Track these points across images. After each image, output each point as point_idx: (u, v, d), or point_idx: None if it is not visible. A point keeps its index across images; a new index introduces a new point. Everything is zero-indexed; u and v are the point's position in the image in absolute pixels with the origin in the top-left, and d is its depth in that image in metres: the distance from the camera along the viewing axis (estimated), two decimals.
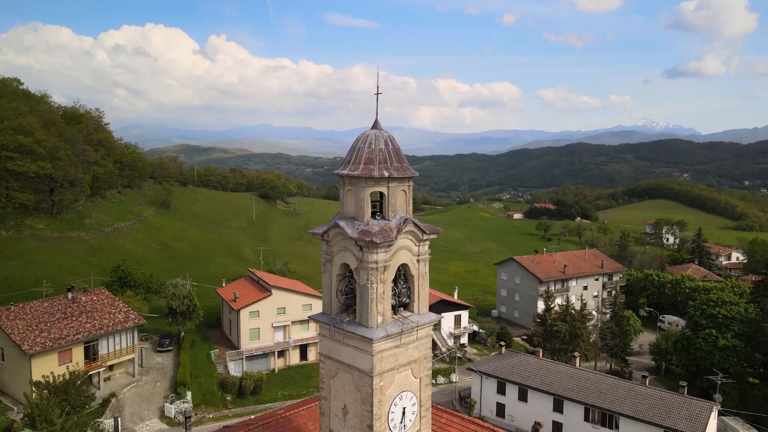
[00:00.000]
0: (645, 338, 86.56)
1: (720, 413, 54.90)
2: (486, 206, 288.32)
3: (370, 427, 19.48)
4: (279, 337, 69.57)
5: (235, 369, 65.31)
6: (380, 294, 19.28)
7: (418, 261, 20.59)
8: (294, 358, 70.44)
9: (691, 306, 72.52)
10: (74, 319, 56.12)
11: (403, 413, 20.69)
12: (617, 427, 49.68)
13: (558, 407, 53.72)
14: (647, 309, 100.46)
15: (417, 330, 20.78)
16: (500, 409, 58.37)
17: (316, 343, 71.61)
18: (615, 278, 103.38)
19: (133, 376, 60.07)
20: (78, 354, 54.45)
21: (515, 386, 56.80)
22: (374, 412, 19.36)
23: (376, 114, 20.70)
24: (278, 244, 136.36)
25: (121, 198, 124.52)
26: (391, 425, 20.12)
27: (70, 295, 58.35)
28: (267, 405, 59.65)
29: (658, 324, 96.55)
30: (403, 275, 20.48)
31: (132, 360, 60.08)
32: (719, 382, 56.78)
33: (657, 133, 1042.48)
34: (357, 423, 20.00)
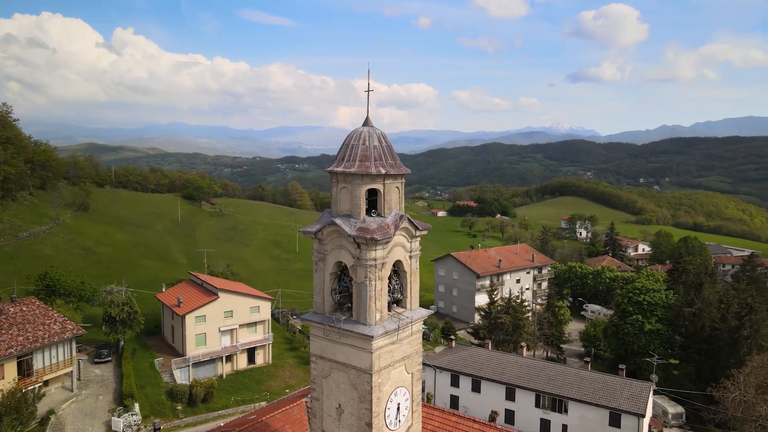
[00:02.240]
0: (571, 327, 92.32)
1: None
2: (410, 204, 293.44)
3: (369, 424, 19.61)
4: (226, 341, 67.69)
5: (181, 377, 62.81)
6: (378, 291, 19.42)
7: (410, 257, 20.87)
8: (242, 362, 68.77)
9: (618, 294, 78.19)
10: (4, 332, 51.69)
11: (398, 409, 20.96)
12: (566, 411, 52.80)
13: (510, 396, 56.17)
14: (578, 299, 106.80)
15: (411, 325, 21.08)
16: (454, 401, 60.20)
17: (264, 346, 70.45)
18: (544, 271, 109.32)
19: (72, 390, 56.21)
20: (11, 370, 50.30)
21: (468, 378, 58.80)
22: (373, 409, 19.49)
23: (367, 111, 20.67)
24: (208, 246, 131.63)
25: (33, 200, 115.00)
26: (388, 421, 20.35)
27: None
28: (220, 412, 58.11)
29: (582, 313, 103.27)
30: (395, 272, 20.65)
31: (70, 374, 56.19)
32: (655, 363, 61.72)
33: (562, 134, 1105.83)
34: (354, 422, 20.04)
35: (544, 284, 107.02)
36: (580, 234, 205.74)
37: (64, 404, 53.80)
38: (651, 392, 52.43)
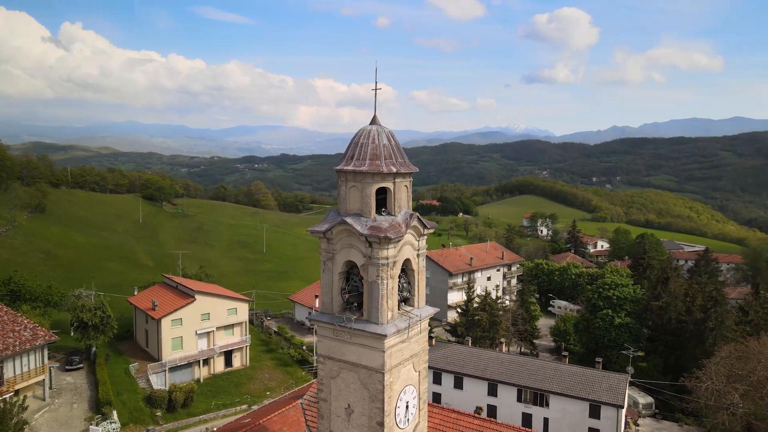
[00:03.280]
0: (540, 322, 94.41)
1: None
2: None
3: (381, 424, 19.65)
4: (203, 344, 66.36)
5: (157, 382, 61.21)
6: (390, 290, 19.50)
7: (417, 255, 21.02)
8: (219, 365, 67.55)
9: (588, 289, 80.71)
10: None
11: (407, 407, 21.10)
12: (548, 405, 54.19)
13: (492, 391, 57.20)
14: (549, 295, 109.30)
15: (420, 323, 21.27)
16: (436, 398, 60.78)
17: (241, 348, 69.41)
18: (513, 268, 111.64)
19: (44, 399, 53.96)
20: None
21: (451, 375, 59.58)
22: (385, 408, 19.55)
23: (375, 109, 20.74)
24: (172, 248, 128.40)
25: None
26: (398, 420, 20.45)
27: None
28: (201, 417, 57.08)
29: (549, 308, 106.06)
30: (402, 270, 20.68)
31: (42, 382, 53.91)
32: (630, 356, 64.00)
33: (518, 134, 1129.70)
34: (365, 421, 20.02)
35: (513, 281, 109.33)
36: (541, 232, 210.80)
37: (37, 414, 51.62)
38: (627, 384, 54.45)
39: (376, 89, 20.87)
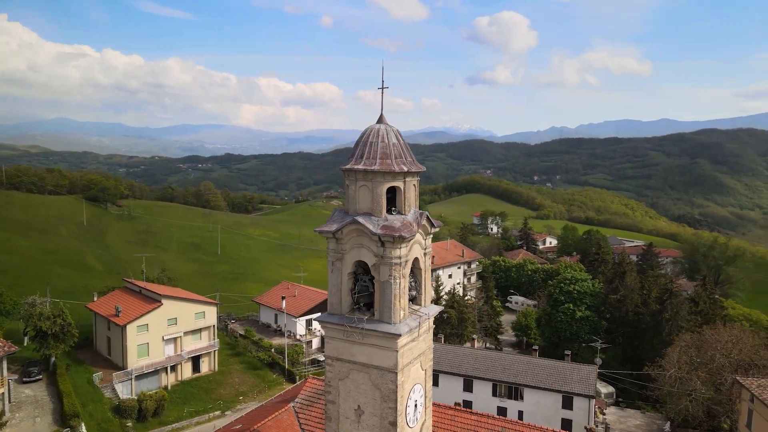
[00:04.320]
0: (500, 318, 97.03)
1: None
2: (326, 204, 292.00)
3: (394, 424, 19.73)
4: (170, 350, 64.20)
5: (123, 391, 58.77)
6: (402, 289, 19.57)
7: (425, 254, 21.19)
8: (187, 371, 65.62)
9: (550, 285, 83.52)
10: None
11: (415, 406, 21.31)
12: (522, 398, 55.82)
13: (468, 387, 58.33)
14: (510, 291, 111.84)
15: (429, 322, 21.55)
16: None
17: (209, 353, 67.64)
18: (473, 266, 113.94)
19: (4, 414, 50.64)
20: None
21: None
22: (398, 408, 19.65)
23: (381, 108, 20.78)
24: (122, 251, 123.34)
25: None
26: (408, 419, 20.60)
27: None
28: (173, 425, 55.39)
29: (507, 304, 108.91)
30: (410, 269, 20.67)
31: (1, 396, 50.64)
32: (599, 347, 66.74)
33: (462, 134, 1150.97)
34: (376, 422, 20.01)
35: (473, 278, 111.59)
36: (491, 230, 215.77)
37: None
38: (596, 375, 56.87)
39: (383, 88, 20.75)
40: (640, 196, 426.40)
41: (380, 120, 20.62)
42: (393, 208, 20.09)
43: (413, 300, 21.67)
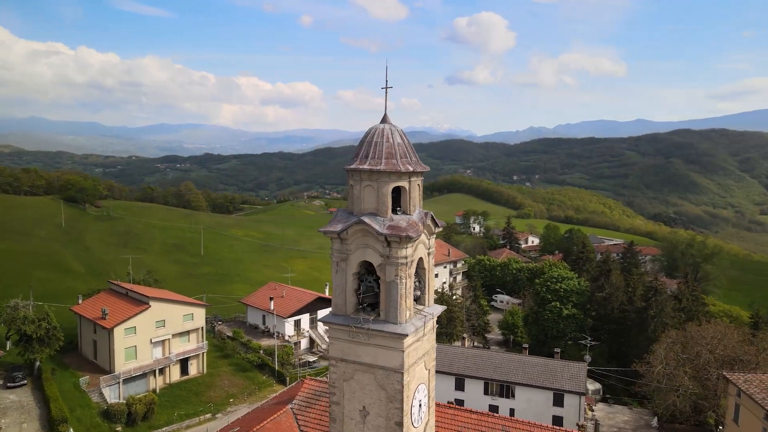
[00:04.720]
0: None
1: None
2: (308, 204, 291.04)
3: (400, 424, 19.80)
4: (158, 353, 63.30)
5: (111, 395, 57.78)
6: (408, 289, 19.67)
7: (429, 254, 21.26)
8: (175, 374, 64.76)
9: (537, 283, 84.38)
10: None
11: (420, 406, 21.36)
12: (513, 396, 56.36)
13: (460, 386, 58.65)
14: (497, 290, 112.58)
15: (433, 321, 21.73)
16: None
17: (197, 355, 66.93)
18: (459, 265, 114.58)
19: None
20: None
21: None
22: (404, 408, 19.71)
23: (385, 108, 20.83)
24: (103, 253, 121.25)
25: None
26: (413, 419, 20.66)
27: None
28: (164, 429, 54.56)
29: (492, 303, 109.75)
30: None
31: None
32: (588, 345, 67.65)
33: (442, 134, 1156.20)
34: (382, 423, 20.03)
35: (459, 277, 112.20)
36: (474, 229, 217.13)
37: None
38: (586, 372, 57.70)
39: (386, 87, 20.78)
40: (617, 195, 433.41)
41: (384, 120, 20.62)
42: (398, 208, 20.02)
43: (417, 300, 21.68)
